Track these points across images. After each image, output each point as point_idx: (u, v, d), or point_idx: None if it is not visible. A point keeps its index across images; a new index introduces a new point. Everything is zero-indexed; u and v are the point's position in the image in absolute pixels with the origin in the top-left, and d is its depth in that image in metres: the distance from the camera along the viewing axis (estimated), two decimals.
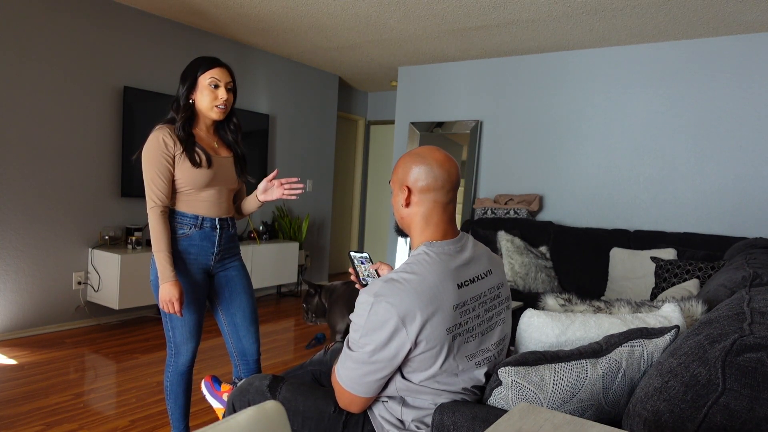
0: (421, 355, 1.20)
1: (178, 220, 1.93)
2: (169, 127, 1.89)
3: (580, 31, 3.99)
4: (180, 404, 2.06)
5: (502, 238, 3.99)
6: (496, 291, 1.35)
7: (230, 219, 2.06)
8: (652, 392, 1.02)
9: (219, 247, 2.01)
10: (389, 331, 1.17)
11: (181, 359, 2.00)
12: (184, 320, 1.95)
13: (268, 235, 5.12)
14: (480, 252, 1.36)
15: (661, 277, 3.32)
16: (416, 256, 1.27)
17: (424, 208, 1.30)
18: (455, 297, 1.22)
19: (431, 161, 1.29)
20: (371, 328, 1.19)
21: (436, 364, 1.21)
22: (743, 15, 3.47)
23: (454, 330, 1.21)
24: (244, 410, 0.78)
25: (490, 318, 1.32)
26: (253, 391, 1.49)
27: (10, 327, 3.59)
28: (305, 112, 5.71)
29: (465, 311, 1.24)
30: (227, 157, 2.02)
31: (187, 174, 1.89)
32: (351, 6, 3.73)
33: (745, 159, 3.84)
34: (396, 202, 1.35)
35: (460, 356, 1.24)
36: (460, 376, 1.26)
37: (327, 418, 1.37)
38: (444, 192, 1.29)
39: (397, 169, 1.34)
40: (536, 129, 4.70)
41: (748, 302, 1.23)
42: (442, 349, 1.20)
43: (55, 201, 3.74)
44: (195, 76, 1.91)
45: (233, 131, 2.06)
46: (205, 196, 1.95)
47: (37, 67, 3.59)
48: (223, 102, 1.93)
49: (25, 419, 2.43)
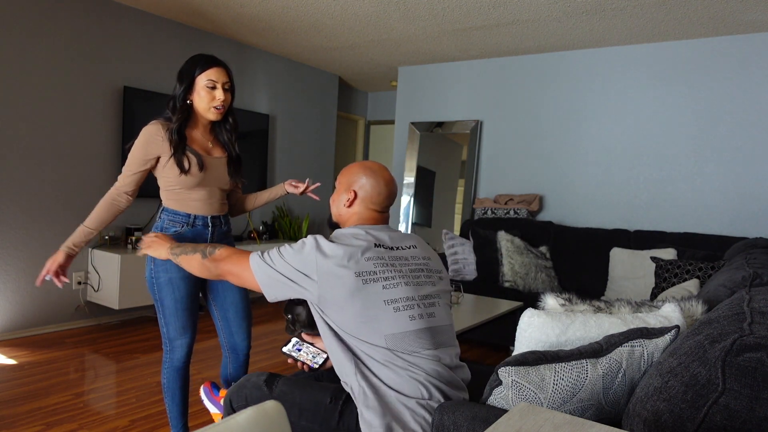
0: (332, 291, 1.36)
1: (171, 217, 1.95)
2: (164, 126, 1.89)
3: (580, 31, 3.99)
4: (177, 401, 2.06)
5: (502, 238, 3.99)
6: (421, 260, 1.51)
7: (223, 217, 2.07)
8: (652, 392, 1.02)
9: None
10: (306, 266, 1.39)
11: (175, 355, 2.01)
12: (176, 315, 1.96)
13: (268, 235, 5.12)
14: (408, 235, 1.57)
15: (661, 277, 3.32)
16: (343, 229, 1.51)
17: (362, 213, 1.52)
18: (369, 251, 1.41)
19: (380, 179, 1.52)
20: (297, 253, 1.41)
21: (348, 303, 1.35)
22: (743, 15, 3.47)
23: (363, 275, 1.37)
24: (244, 410, 0.78)
25: (417, 276, 1.46)
26: (250, 386, 1.53)
27: (10, 327, 3.59)
28: (305, 112, 5.71)
29: (380, 263, 1.41)
30: (220, 158, 2.03)
31: (176, 176, 1.91)
32: (351, 6, 3.73)
33: (745, 159, 3.84)
34: (338, 200, 1.56)
35: (375, 299, 1.36)
36: (377, 320, 1.36)
37: (323, 409, 1.42)
38: (383, 206, 1.54)
39: (348, 174, 1.55)
40: (536, 129, 4.70)
41: (748, 302, 1.23)
42: (351, 290, 1.35)
43: (55, 201, 3.74)
44: (192, 76, 1.91)
45: (229, 130, 2.05)
46: (196, 196, 1.97)
47: (38, 67, 3.59)
48: (220, 103, 1.93)
49: (25, 419, 2.43)
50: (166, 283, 1.94)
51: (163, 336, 2.01)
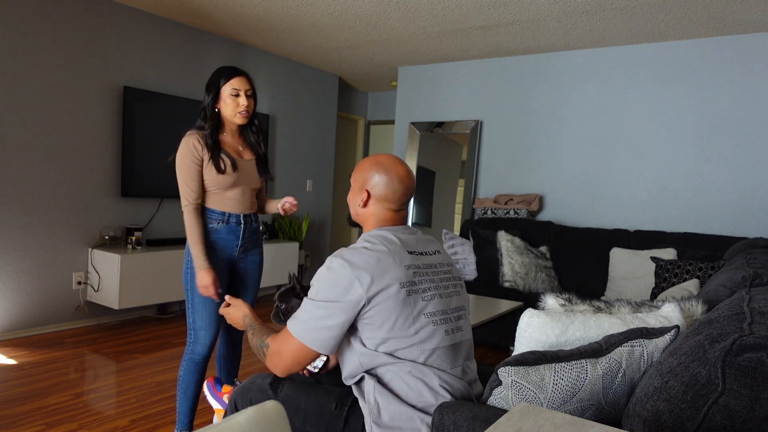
0: (376, 308, 1.28)
1: (208, 215, 2.15)
2: (198, 134, 2.10)
3: (580, 31, 3.99)
4: (189, 396, 2.18)
5: (502, 238, 3.99)
6: (446, 267, 1.46)
7: (253, 215, 2.28)
8: (652, 392, 1.02)
9: (243, 240, 2.22)
10: (344, 283, 1.28)
11: (198, 347, 2.14)
12: (205, 306, 2.12)
13: (268, 235, 5.12)
14: (429, 238, 1.50)
15: (661, 277, 3.32)
16: (370, 232, 1.42)
17: (379, 213, 1.45)
18: (407, 259, 1.34)
19: (394, 175, 1.43)
20: (328, 281, 1.30)
21: (391, 317, 1.28)
22: (743, 15, 3.47)
23: (407, 285, 1.31)
24: (244, 410, 0.78)
25: (446, 286, 1.42)
26: (255, 389, 1.52)
27: (10, 327, 3.59)
28: (305, 112, 5.71)
29: (418, 273, 1.35)
30: (250, 160, 2.24)
31: (214, 177, 2.10)
32: (351, 6, 3.73)
33: (745, 159, 3.84)
34: (354, 199, 1.49)
35: (416, 312, 1.31)
36: (418, 334, 1.30)
37: (328, 415, 1.40)
38: (399, 204, 1.46)
39: (360, 171, 1.47)
40: (536, 129, 4.70)
41: (748, 302, 1.23)
42: (396, 303, 1.28)
43: (55, 201, 3.74)
44: (218, 87, 2.11)
45: (255, 132, 2.28)
46: (230, 195, 2.16)
47: (37, 67, 3.59)
48: (244, 108, 2.13)
49: (25, 419, 2.43)
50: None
51: (188, 327, 2.15)
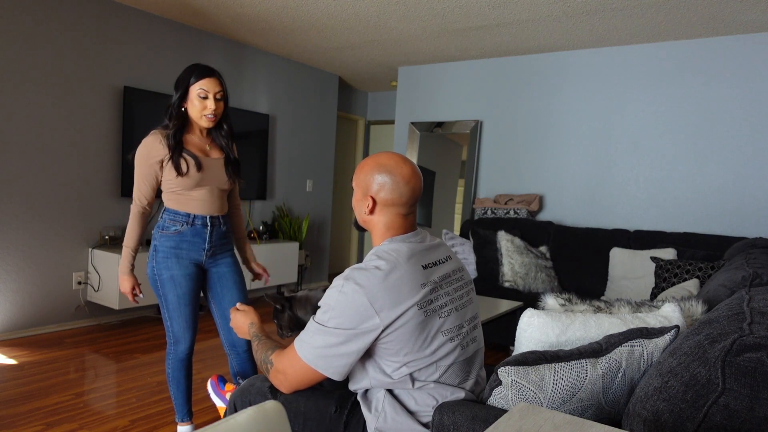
0: (394, 333, 1.23)
1: (171, 217, 2.05)
2: (162, 133, 2.02)
3: (580, 31, 3.99)
4: (182, 389, 2.20)
5: (502, 238, 3.99)
6: (459, 274, 1.41)
7: (222, 217, 2.16)
8: (651, 392, 1.02)
9: (210, 243, 2.11)
10: (358, 310, 1.21)
11: (180, 347, 2.13)
12: (180, 312, 2.08)
13: (268, 235, 5.12)
14: (437, 242, 1.43)
15: (661, 277, 3.32)
16: (381, 246, 1.34)
17: (387, 219, 1.36)
18: (422, 276, 1.28)
19: (398, 177, 1.32)
20: (341, 307, 1.22)
21: (409, 341, 1.24)
22: (743, 15, 3.47)
23: (424, 306, 1.25)
24: (245, 410, 0.78)
25: (461, 296, 1.38)
26: (254, 391, 1.50)
27: (10, 327, 3.59)
28: (305, 112, 5.71)
29: (434, 289, 1.29)
30: (218, 159, 2.13)
31: (175, 178, 2.02)
32: (351, 6, 3.73)
33: (745, 159, 3.84)
34: (359, 205, 1.39)
35: (434, 331, 1.27)
36: (435, 353, 1.27)
37: (328, 419, 1.38)
38: (407, 207, 1.36)
39: (362, 174, 1.36)
40: (536, 129, 4.70)
41: (748, 302, 1.23)
42: (414, 327, 1.24)
43: (55, 201, 3.74)
44: (187, 86, 2.02)
45: (224, 137, 2.16)
46: (196, 195, 2.06)
47: (38, 67, 3.59)
48: (211, 112, 2.03)
49: (25, 419, 2.43)
50: (168, 280, 2.05)
51: (167, 330, 2.13)
